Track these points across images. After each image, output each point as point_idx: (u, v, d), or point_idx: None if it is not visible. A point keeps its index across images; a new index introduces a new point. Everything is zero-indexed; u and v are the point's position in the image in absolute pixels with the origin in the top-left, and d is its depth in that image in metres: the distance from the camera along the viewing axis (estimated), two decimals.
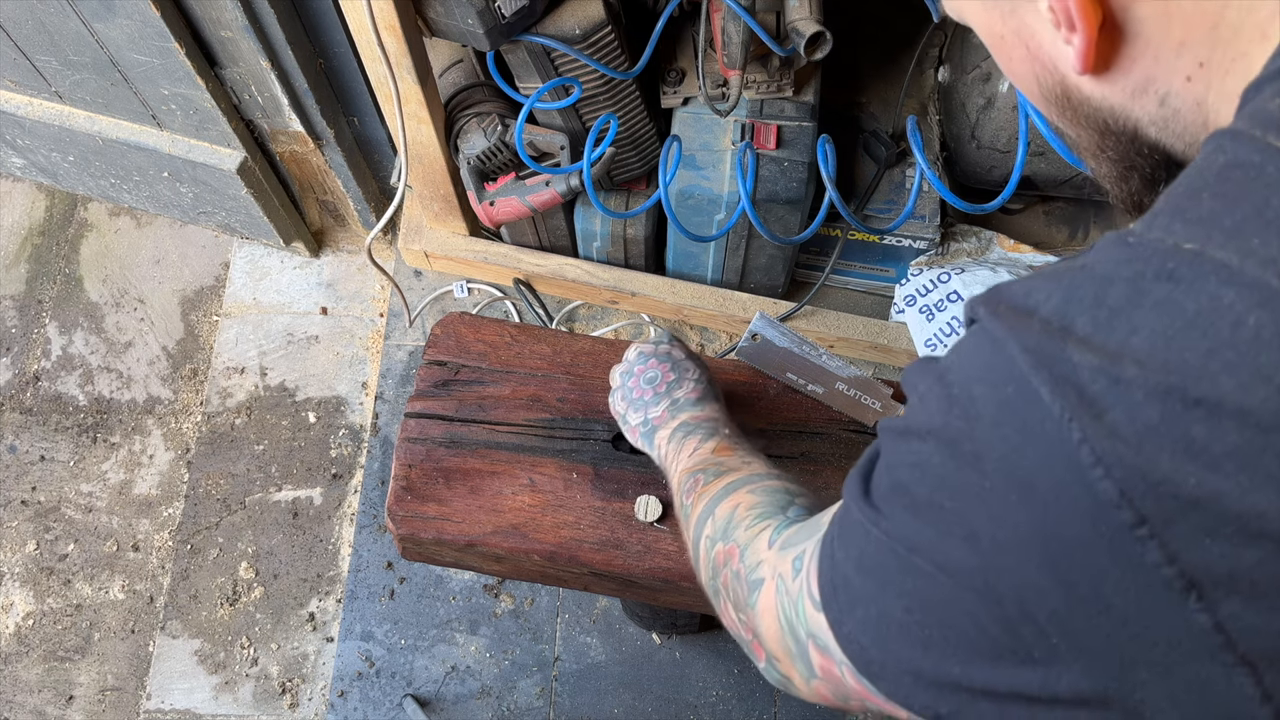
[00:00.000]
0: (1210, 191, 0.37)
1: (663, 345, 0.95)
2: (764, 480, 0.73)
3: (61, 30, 1.47)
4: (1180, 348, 0.35)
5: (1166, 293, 0.36)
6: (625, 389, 0.94)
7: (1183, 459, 0.35)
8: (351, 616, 1.73)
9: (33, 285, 2.01)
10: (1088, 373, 0.36)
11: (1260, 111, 0.38)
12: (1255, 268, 0.34)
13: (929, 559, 0.42)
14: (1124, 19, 0.44)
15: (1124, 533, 0.36)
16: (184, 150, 1.70)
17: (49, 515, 1.84)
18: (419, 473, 0.99)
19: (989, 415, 0.40)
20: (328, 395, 1.89)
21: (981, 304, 0.42)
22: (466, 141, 1.56)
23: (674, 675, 1.68)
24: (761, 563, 0.61)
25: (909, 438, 0.44)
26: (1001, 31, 0.50)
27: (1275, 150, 0.36)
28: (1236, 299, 0.34)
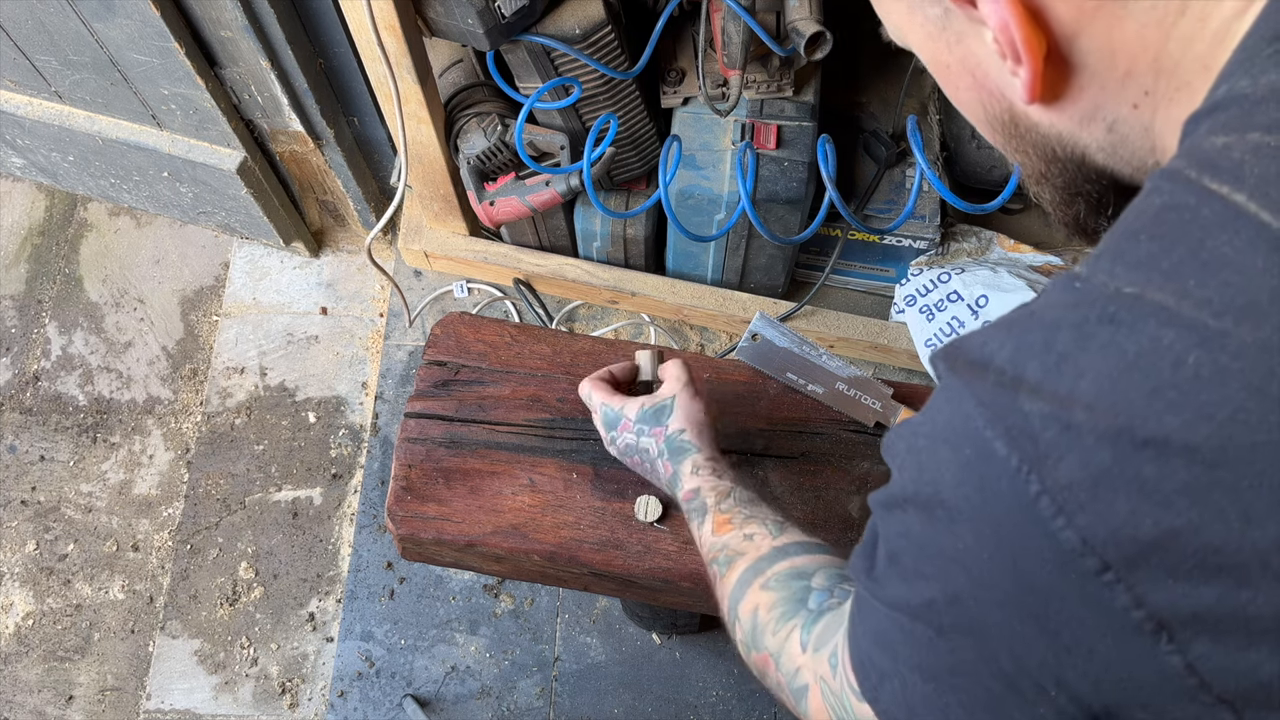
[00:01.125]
0: (1148, 234, 0.38)
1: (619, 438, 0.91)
2: (773, 564, 0.72)
3: (61, 30, 1.47)
4: (1125, 389, 0.36)
5: (1109, 335, 0.37)
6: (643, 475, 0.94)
7: (1137, 500, 0.35)
8: (351, 616, 1.73)
9: (32, 285, 2.01)
10: (1039, 421, 0.37)
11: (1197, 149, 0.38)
12: (1191, 309, 0.35)
13: (927, 624, 0.43)
14: (1069, 50, 0.45)
15: (1092, 579, 0.36)
16: (184, 150, 1.70)
17: (49, 515, 1.84)
18: (419, 473, 0.99)
19: (953, 477, 0.41)
20: (327, 395, 1.89)
21: (942, 359, 0.44)
22: (466, 141, 1.56)
23: (674, 675, 1.68)
24: (800, 669, 0.62)
25: (892, 509, 0.45)
26: (948, 60, 0.50)
27: (1209, 193, 0.37)
28: (1175, 339, 0.35)
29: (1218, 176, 0.37)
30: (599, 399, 0.93)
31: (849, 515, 0.98)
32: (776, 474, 0.99)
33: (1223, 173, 0.37)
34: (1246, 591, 0.34)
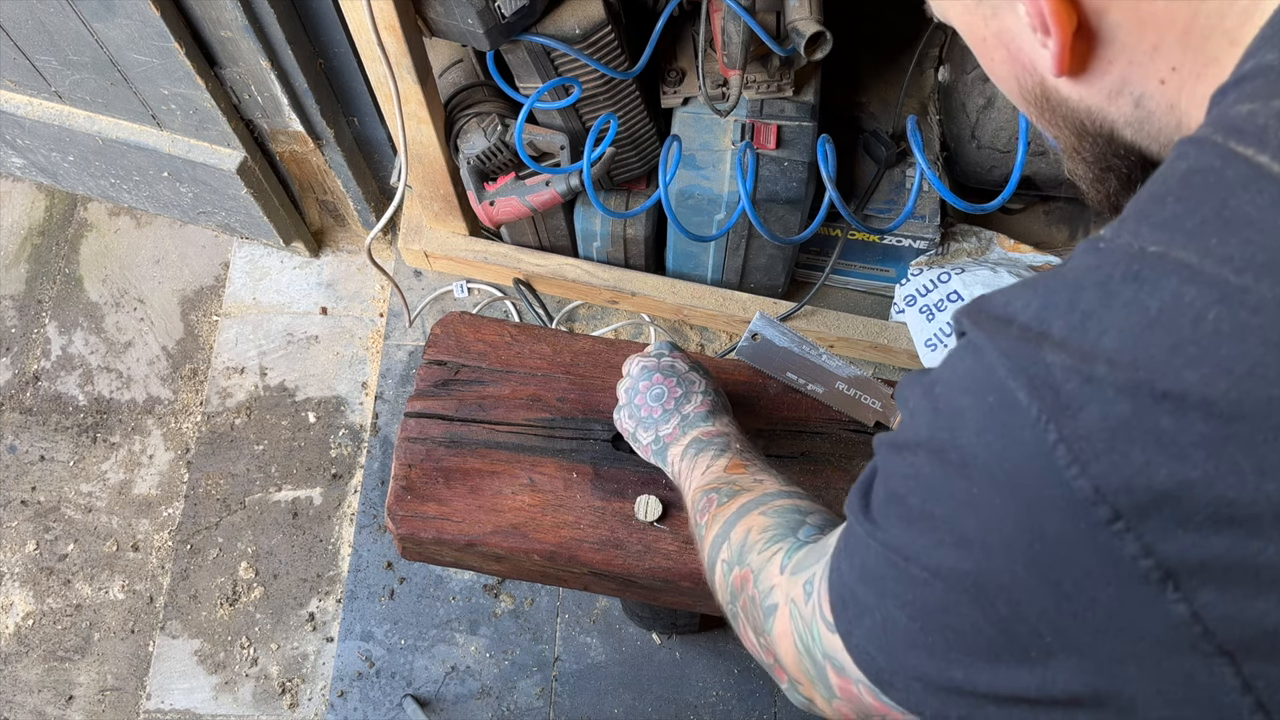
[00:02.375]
0: (1173, 196, 0.39)
1: (665, 358, 0.94)
2: (776, 500, 0.74)
3: (61, 30, 1.47)
4: (1147, 344, 0.36)
5: (1133, 293, 0.37)
6: (632, 406, 0.93)
7: (1153, 451, 0.35)
8: (351, 616, 1.73)
9: (32, 285, 2.01)
10: (1061, 372, 0.38)
11: (1223, 117, 0.39)
12: (1213, 265, 0.36)
13: (924, 566, 0.43)
14: (1098, 24, 0.45)
15: (1101, 528, 0.36)
16: (184, 150, 1.70)
17: (49, 515, 1.84)
18: (419, 472, 0.99)
19: (973, 423, 0.41)
20: (327, 395, 1.89)
21: (965, 315, 0.44)
22: (466, 141, 1.56)
23: (674, 675, 1.68)
24: (774, 588, 0.62)
25: (901, 450, 0.45)
26: (984, 34, 0.51)
27: (1235, 155, 0.37)
28: (1197, 296, 0.36)
29: (1243, 140, 0.37)
30: (666, 341, 0.97)
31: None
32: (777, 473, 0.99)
33: (1248, 136, 0.37)
34: (1257, 542, 0.34)
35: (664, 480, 0.99)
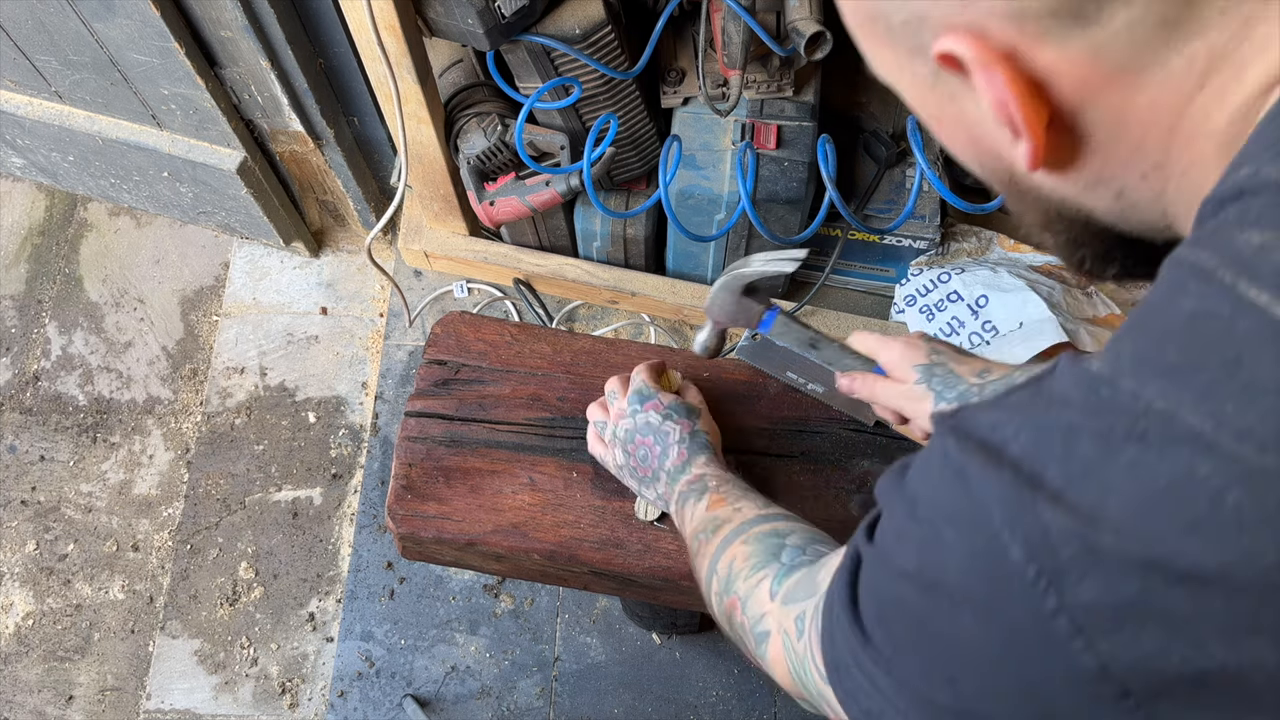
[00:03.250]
0: (1177, 344, 0.36)
1: (639, 415, 0.93)
2: (754, 526, 0.74)
3: (61, 30, 1.47)
4: (1157, 519, 0.34)
5: (1138, 455, 0.35)
6: (630, 468, 0.94)
7: (1168, 637, 0.34)
8: (351, 616, 1.73)
9: (32, 285, 2.01)
10: (1059, 534, 0.36)
11: (1229, 245, 0.36)
12: (1230, 439, 0.33)
13: (913, 690, 0.43)
14: (1074, 120, 0.43)
15: (1108, 704, 0.36)
16: (184, 150, 1.70)
17: (49, 515, 1.84)
18: (419, 472, 0.99)
19: (962, 564, 0.39)
20: (327, 395, 1.89)
21: (949, 430, 0.42)
22: (466, 141, 1.56)
23: (674, 675, 1.68)
24: (765, 614, 0.63)
25: (888, 569, 0.44)
26: (939, 115, 0.48)
27: (1247, 303, 0.34)
28: (1213, 472, 0.33)
29: (1256, 281, 0.34)
30: (643, 377, 0.96)
31: (849, 514, 0.98)
32: (776, 474, 0.99)
33: (1261, 278, 0.34)
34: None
35: None
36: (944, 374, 0.86)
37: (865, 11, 0.46)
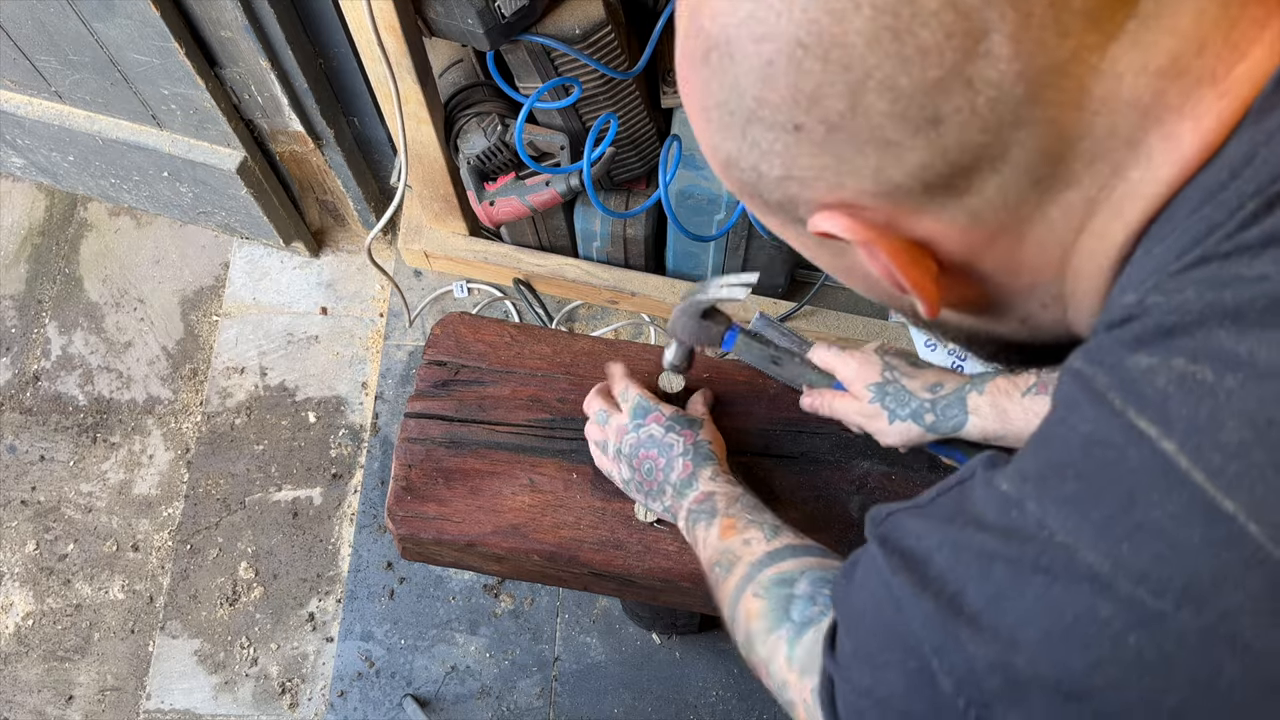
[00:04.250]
0: (1075, 470, 0.38)
1: (643, 428, 0.93)
2: (762, 570, 0.74)
3: (61, 30, 1.47)
4: (1068, 653, 0.36)
5: (1044, 587, 0.37)
6: (636, 482, 0.93)
7: None
8: (351, 616, 1.73)
9: (33, 285, 2.01)
10: (984, 667, 0.38)
11: (1119, 366, 0.38)
12: (1128, 583, 0.35)
13: None
14: (966, 270, 0.45)
15: None
16: (184, 150, 1.70)
17: (49, 515, 1.84)
18: (419, 473, 0.99)
19: (903, 688, 0.42)
20: (327, 395, 1.89)
21: (879, 540, 0.45)
22: (466, 141, 1.56)
23: (674, 675, 1.68)
24: (787, 684, 0.64)
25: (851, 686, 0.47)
26: (831, 267, 0.51)
27: (1136, 433, 0.36)
28: (1114, 615, 0.35)
29: (1144, 411, 0.36)
30: (636, 391, 0.95)
31: (849, 515, 0.98)
32: (776, 474, 0.99)
33: (1149, 406, 0.36)
34: None
35: None
36: (896, 391, 0.88)
37: (741, 188, 0.48)
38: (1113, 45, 0.38)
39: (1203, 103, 0.39)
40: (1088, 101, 0.39)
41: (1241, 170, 0.38)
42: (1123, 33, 0.38)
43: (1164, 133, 0.39)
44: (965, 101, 0.39)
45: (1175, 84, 0.39)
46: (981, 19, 0.37)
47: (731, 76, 0.43)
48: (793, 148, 0.43)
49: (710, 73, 0.44)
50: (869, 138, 0.41)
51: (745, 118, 0.44)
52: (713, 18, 0.42)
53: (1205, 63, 0.39)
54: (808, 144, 0.42)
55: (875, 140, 0.41)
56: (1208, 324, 0.36)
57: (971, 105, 0.39)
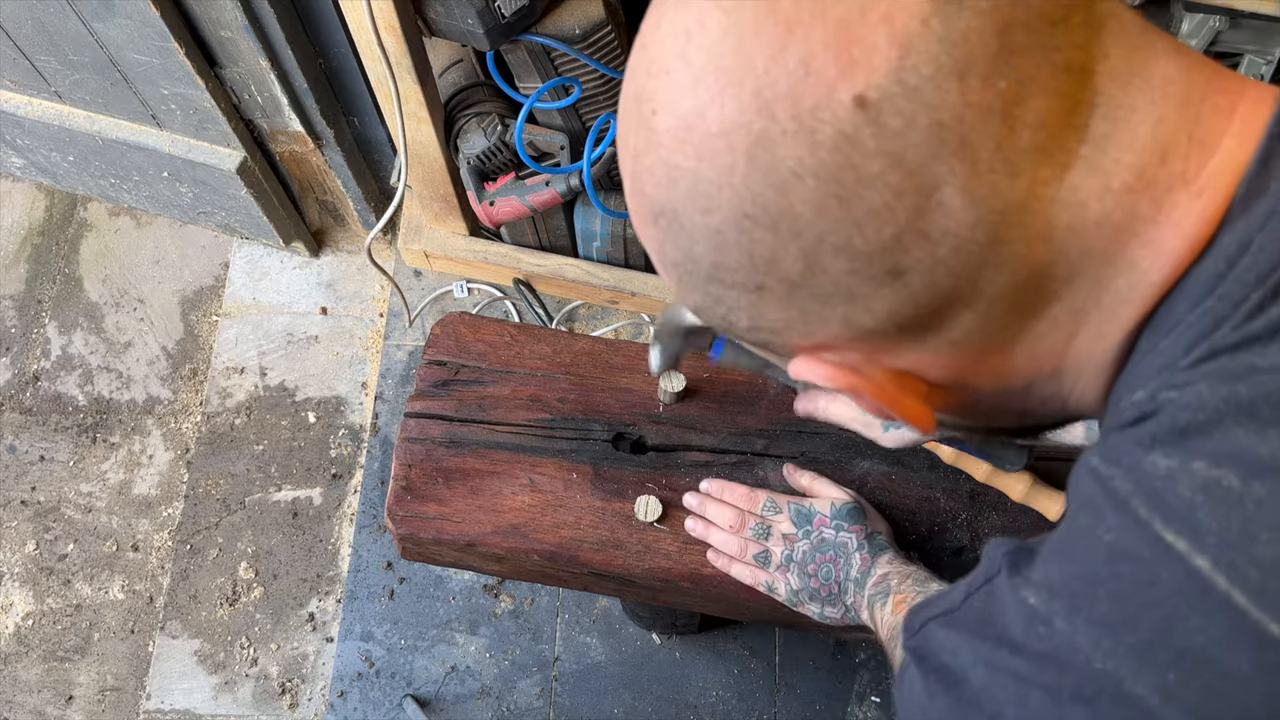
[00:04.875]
0: (1106, 589, 0.36)
1: (813, 534, 0.90)
2: None
3: (61, 30, 1.46)
4: None
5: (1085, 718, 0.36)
6: (810, 590, 0.90)
7: None
8: (351, 617, 1.73)
9: (32, 285, 2.01)
10: None
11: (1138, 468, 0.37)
12: (1178, 716, 0.33)
13: None
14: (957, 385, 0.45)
15: None
16: (184, 150, 1.70)
17: (48, 515, 1.84)
18: (419, 473, 0.99)
19: None
20: (327, 395, 1.89)
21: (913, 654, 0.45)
22: (466, 141, 1.56)
23: (674, 675, 1.68)
24: None
25: None
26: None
27: (1164, 547, 0.34)
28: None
29: (1171, 523, 0.34)
30: (785, 499, 0.93)
31: None
32: (776, 474, 0.99)
33: (1175, 518, 0.34)
34: None
35: (664, 481, 0.98)
36: None
37: (719, 325, 0.47)
38: (1069, 174, 0.38)
39: (1178, 207, 0.38)
40: (1054, 232, 0.38)
41: (1238, 259, 0.37)
42: (1077, 160, 0.38)
43: (1143, 241, 0.39)
44: (925, 253, 0.38)
45: (1144, 196, 0.38)
46: (929, 174, 0.37)
47: (684, 241, 0.42)
48: (757, 304, 0.42)
49: (662, 235, 0.43)
50: (833, 292, 0.40)
51: (704, 277, 0.43)
52: (655, 186, 0.41)
53: (1172, 168, 0.38)
54: (772, 300, 0.42)
55: (839, 294, 0.40)
56: (1225, 422, 0.34)
57: (933, 256, 0.38)
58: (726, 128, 0.38)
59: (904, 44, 0.36)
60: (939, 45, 0.36)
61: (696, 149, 0.39)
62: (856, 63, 0.36)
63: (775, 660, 1.67)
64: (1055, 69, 0.37)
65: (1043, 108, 0.37)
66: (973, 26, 0.36)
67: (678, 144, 0.39)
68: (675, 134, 0.39)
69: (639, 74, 0.41)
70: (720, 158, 0.38)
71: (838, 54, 0.36)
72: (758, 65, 0.37)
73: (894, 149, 0.36)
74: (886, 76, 0.36)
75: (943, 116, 0.36)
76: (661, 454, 1.00)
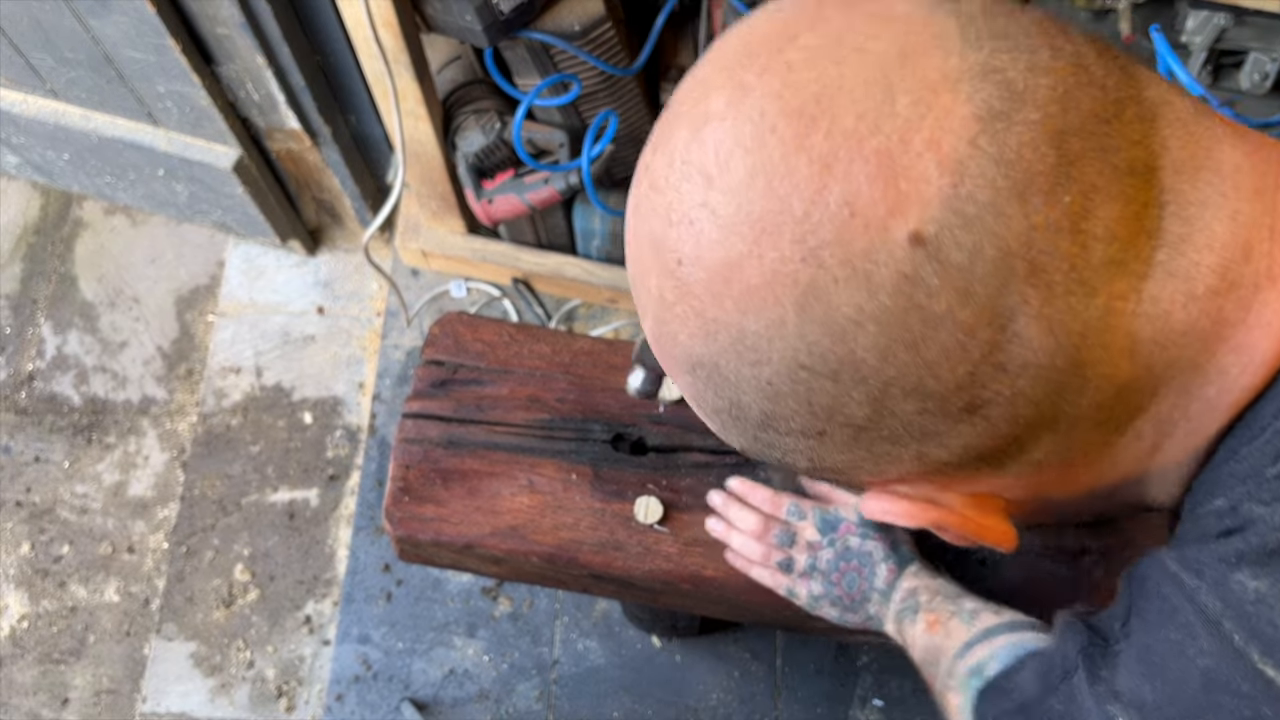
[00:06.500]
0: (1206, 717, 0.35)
1: (837, 542, 0.88)
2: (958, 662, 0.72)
3: (57, 27, 1.46)
4: None
5: None
6: (832, 596, 0.88)
7: None
8: (348, 619, 1.72)
9: (27, 284, 2.00)
10: None
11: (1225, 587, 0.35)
12: None
13: None
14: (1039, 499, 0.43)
15: None
16: (180, 148, 1.68)
17: (43, 517, 1.83)
18: (416, 474, 0.98)
19: None
20: (324, 395, 1.87)
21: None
22: (464, 139, 1.55)
23: (674, 678, 1.67)
24: None
25: None
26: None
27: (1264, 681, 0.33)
28: None
29: (1270, 655, 0.33)
30: (809, 504, 0.90)
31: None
32: (777, 474, 0.98)
33: (1274, 650, 0.33)
34: None
35: (664, 482, 0.97)
36: None
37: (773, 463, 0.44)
38: (1147, 284, 0.35)
39: (1268, 307, 0.36)
40: (1138, 347, 0.36)
41: None
42: (1154, 267, 0.35)
43: (1232, 346, 0.36)
44: (1004, 386, 0.36)
45: (1230, 298, 0.36)
46: (1001, 306, 0.34)
47: (728, 391, 0.39)
48: (817, 448, 0.39)
49: (701, 385, 0.40)
50: (904, 432, 0.38)
51: (754, 424, 0.40)
52: (690, 337, 0.38)
53: (1257, 265, 0.35)
54: (835, 444, 0.39)
55: (912, 434, 0.38)
56: None
57: (1012, 388, 0.36)
58: (769, 279, 0.35)
59: (955, 170, 0.33)
60: (994, 166, 0.33)
61: (737, 303, 0.36)
62: (906, 196, 0.33)
63: (776, 663, 1.66)
64: (1118, 172, 0.34)
65: (1111, 217, 0.34)
66: (1025, 140, 0.33)
67: (714, 298, 0.36)
68: (710, 287, 0.36)
69: (653, 218, 0.38)
70: (767, 311, 0.35)
71: (884, 189, 0.33)
72: (795, 209, 0.34)
73: (960, 284, 0.34)
74: (942, 208, 0.33)
75: (1009, 243, 0.33)
76: (662, 455, 0.99)
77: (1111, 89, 0.36)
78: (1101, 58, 0.37)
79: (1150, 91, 0.37)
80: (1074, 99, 0.34)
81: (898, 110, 0.33)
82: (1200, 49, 1.31)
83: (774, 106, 0.35)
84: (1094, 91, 0.35)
